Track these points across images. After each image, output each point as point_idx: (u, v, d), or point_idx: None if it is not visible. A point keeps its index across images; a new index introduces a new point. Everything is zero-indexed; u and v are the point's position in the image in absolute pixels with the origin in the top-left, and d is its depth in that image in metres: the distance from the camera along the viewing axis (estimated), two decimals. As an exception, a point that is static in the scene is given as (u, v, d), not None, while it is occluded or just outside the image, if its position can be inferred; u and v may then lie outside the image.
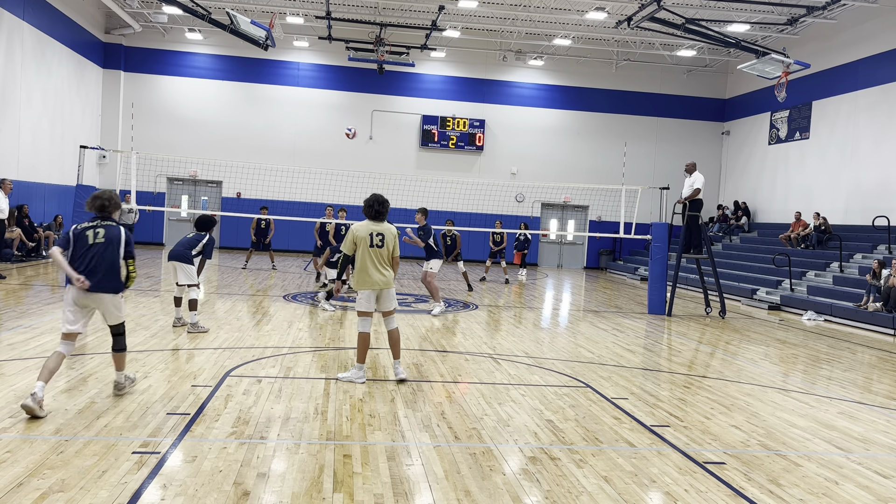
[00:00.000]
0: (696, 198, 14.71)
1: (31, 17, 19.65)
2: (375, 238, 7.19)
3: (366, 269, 7.16)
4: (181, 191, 26.30)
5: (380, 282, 7.18)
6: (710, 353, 10.62)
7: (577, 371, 8.51)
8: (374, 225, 7.26)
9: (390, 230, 7.30)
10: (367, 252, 7.15)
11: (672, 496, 4.69)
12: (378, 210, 7.26)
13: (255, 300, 13.16)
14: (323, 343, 9.35)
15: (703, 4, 21.21)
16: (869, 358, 11.11)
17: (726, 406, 7.22)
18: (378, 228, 7.24)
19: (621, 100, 27.77)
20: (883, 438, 6.42)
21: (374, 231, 7.21)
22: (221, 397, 6.38)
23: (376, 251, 7.18)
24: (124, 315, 6.25)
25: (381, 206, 7.27)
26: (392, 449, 5.27)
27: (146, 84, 25.80)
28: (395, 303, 7.42)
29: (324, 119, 26.50)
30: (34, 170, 20.17)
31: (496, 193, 26.03)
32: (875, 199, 19.71)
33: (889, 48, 19.79)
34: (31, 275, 15.11)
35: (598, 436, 5.92)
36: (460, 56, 26.86)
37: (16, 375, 6.74)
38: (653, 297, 14.84)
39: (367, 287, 7.19)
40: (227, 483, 4.46)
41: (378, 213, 7.27)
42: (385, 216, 7.34)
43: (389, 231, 7.28)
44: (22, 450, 4.80)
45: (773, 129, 25.08)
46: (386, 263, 7.25)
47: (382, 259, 7.22)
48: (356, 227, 7.21)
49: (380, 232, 7.22)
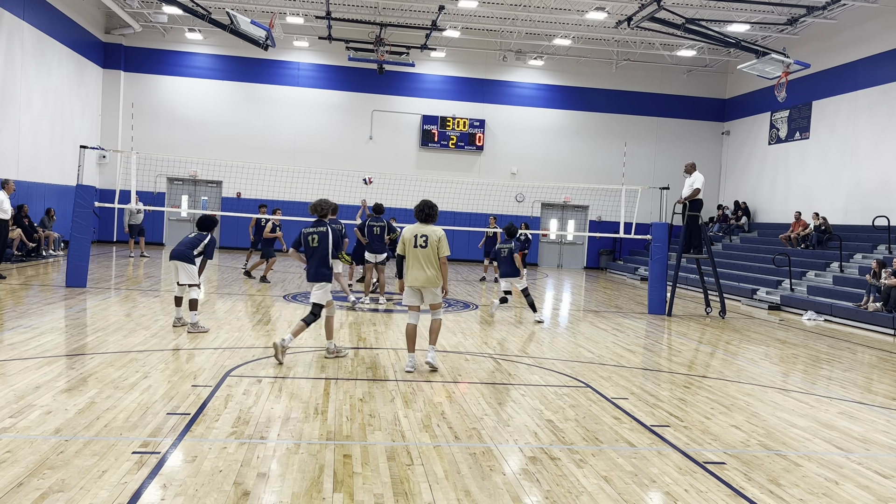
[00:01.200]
0: (695, 198, 14.71)
1: (31, 17, 19.65)
2: (419, 239, 7.82)
3: (410, 268, 7.85)
4: (181, 191, 26.30)
5: (422, 279, 7.79)
6: (710, 353, 10.62)
7: (577, 371, 8.51)
8: (420, 227, 7.90)
9: (435, 232, 7.85)
10: (411, 252, 7.82)
11: (672, 496, 4.69)
12: (428, 213, 7.91)
13: (255, 300, 13.16)
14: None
15: (703, 4, 21.21)
16: (869, 358, 11.11)
17: (726, 406, 7.22)
18: (423, 231, 7.86)
19: (621, 100, 27.77)
20: (883, 438, 6.42)
21: (419, 233, 7.84)
22: (221, 397, 6.38)
23: (420, 251, 7.79)
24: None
25: (431, 210, 7.93)
26: (392, 449, 5.27)
27: (146, 84, 25.80)
28: (440, 298, 7.97)
29: (324, 119, 26.50)
30: (34, 170, 20.17)
31: (496, 193, 26.03)
32: (875, 199, 19.71)
33: (889, 48, 19.79)
34: (31, 275, 15.10)
35: (598, 436, 5.92)
36: (460, 56, 26.86)
37: (16, 375, 6.74)
38: (653, 297, 14.84)
39: (409, 284, 7.88)
40: (227, 483, 4.46)
41: (427, 217, 7.91)
42: (434, 219, 7.94)
43: (434, 233, 7.84)
44: (22, 450, 4.80)
45: (773, 129, 25.08)
46: (430, 263, 7.80)
47: (426, 259, 7.79)
48: (405, 231, 7.92)
49: (424, 234, 7.83)
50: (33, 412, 5.62)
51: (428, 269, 7.77)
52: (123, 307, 11.50)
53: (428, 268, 7.77)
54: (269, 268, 16.23)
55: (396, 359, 8.58)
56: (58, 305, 11.23)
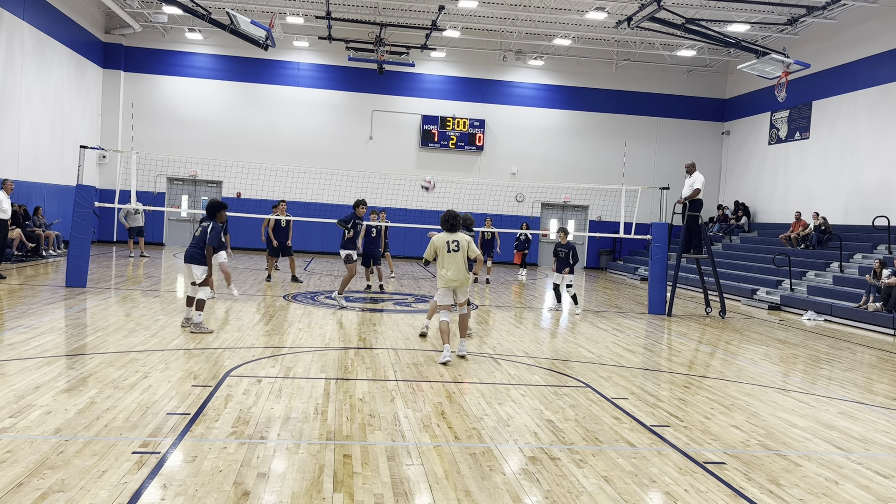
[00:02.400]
0: (696, 198, 14.72)
1: (31, 17, 19.65)
2: (451, 245, 8.79)
3: (444, 270, 8.76)
4: (181, 191, 26.30)
5: (456, 279, 8.76)
6: (710, 353, 10.62)
7: (577, 371, 8.51)
8: (449, 235, 8.83)
9: (464, 237, 8.84)
10: (445, 256, 8.76)
11: (672, 496, 4.69)
12: (452, 224, 8.87)
13: (255, 300, 13.16)
14: (323, 343, 9.35)
15: (703, 4, 21.21)
16: (869, 358, 11.11)
17: (726, 406, 7.23)
18: (453, 237, 8.82)
19: (621, 100, 27.76)
20: (883, 438, 6.42)
21: (450, 239, 8.80)
22: (221, 397, 6.38)
23: (453, 255, 8.76)
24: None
25: (454, 220, 8.90)
26: (392, 449, 5.28)
27: (146, 84, 25.80)
28: (469, 295, 9.24)
29: (324, 119, 26.50)
30: (34, 170, 20.17)
31: (496, 193, 26.02)
32: (875, 199, 19.71)
33: (889, 48, 19.79)
34: (31, 275, 15.11)
35: (598, 436, 5.92)
36: (460, 56, 26.86)
37: (16, 375, 6.74)
38: (653, 297, 14.84)
39: (445, 285, 8.79)
40: (227, 483, 4.46)
41: (452, 227, 8.86)
42: (458, 228, 8.91)
43: (463, 238, 8.83)
44: (22, 450, 4.80)
45: (773, 129, 25.08)
46: (462, 265, 8.78)
47: (458, 261, 8.76)
48: (435, 238, 8.86)
49: (455, 239, 8.81)
50: (33, 412, 5.62)
51: (460, 270, 8.75)
52: (123, 307, 11.50)
53: (460, 269, 8.75)
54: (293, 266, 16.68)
55: (396, 359, 8.59)
56: (58, 305, 11.23)
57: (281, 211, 16.27)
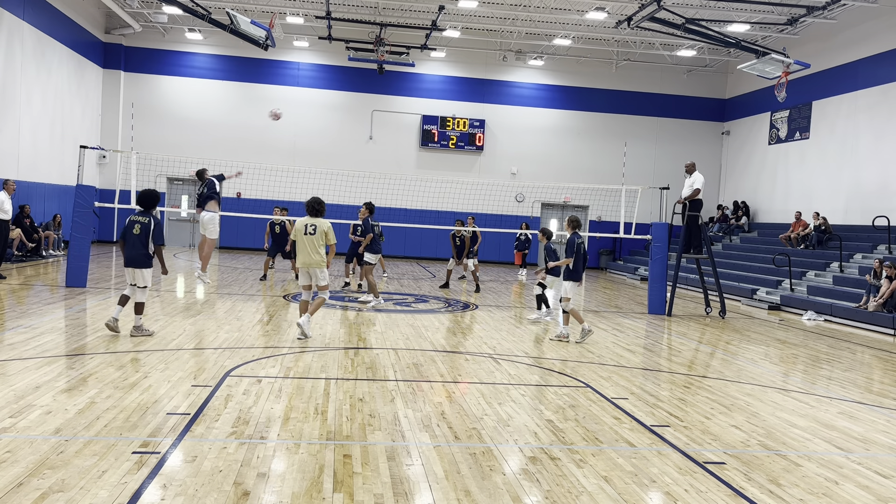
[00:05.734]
0: (695, 198, 14.71)
1: (31, 17, 19.64)
2: (309, 228, 9.35)
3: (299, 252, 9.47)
4: (181, 191, 26.30)
5: (306, 262, 9.49)
6: (710, 353, 10.62)
7: (577, 371, 8.51)
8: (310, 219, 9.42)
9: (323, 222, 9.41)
10: (301, 238, 9.35)
11: (672, 496, 4.69)
12: (316, 209, 9.50)
13: (255, 300, 13.16)
14: (323, 343, 9.35)
15: (703, 4, 21.21)
16: (869, 358, 11.11)
17: (726, 406, 7.23)
18: (312, 221, 9.38)
19: (621, 100, 27.76)
20: (883, 438, 6.42)
21: (309, 223, 9.36)
22: (221, 397, 6.38)
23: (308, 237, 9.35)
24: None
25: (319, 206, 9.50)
26: (392, 449, 5.28)
27: (146, 84, 25.80)
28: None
29: (324, 119, 26.50)
30: (34, 170, 20.16)
31: (496, 193, 26.02)
32: (875, 199, 19.71)
33: (889, 48, 19.79)
34: (31, 275, 15.11)
35: (598, 436, 5.92)
36: (460, 56, 26.86)
37: (16, 375, 6.74)
38: (653, 297, 14.84)
39: (299, 265, 9.61)
40: (227, 483, 4.46)
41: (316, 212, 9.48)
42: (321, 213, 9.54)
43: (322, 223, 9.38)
44: (22, 450, 4.80)
45: (773, 129, 25.08)
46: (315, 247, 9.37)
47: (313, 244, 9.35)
48: (297, 222, 9.51)
49: (314, 224, 9.35)
50: (33, 412, 5.61)
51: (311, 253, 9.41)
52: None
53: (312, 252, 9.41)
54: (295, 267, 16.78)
55: (396, 359, 8.59)
56: (58, 305, 11.23)
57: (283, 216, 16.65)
